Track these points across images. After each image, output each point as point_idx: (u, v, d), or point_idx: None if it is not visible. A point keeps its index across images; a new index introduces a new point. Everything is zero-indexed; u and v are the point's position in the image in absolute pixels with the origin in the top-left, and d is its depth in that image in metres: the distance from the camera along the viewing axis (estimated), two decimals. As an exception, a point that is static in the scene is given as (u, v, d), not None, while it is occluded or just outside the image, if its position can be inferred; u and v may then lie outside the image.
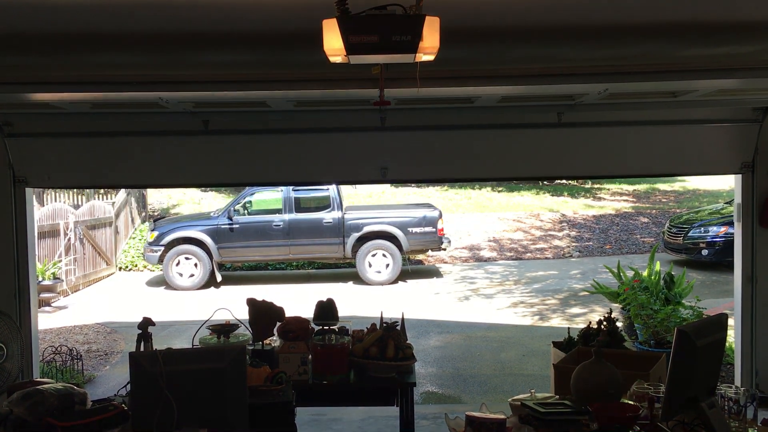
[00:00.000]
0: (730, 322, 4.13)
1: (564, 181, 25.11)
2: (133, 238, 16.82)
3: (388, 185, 23.27)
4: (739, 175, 5.54)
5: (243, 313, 4.53)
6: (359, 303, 11.92)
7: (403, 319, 4.74)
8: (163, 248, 13.55)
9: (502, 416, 3.19)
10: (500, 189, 23.00)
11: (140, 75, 3.76)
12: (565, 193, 22.33)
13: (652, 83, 4.09)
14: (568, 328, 5.85)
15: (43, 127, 5.38)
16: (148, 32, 3.39)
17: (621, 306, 8.95)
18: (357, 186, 23.14)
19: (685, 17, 3.35)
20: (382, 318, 4.68)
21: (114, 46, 3.45)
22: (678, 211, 18.83)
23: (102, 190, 18.25)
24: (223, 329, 4.47)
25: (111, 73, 3.71)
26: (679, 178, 28.12)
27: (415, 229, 13.66)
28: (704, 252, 13.48)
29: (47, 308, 11.81)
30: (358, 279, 13.76)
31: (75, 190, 17.47)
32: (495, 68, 3.73)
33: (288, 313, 4.58)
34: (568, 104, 4.93)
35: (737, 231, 5.64)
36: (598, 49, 3.47)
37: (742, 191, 5.51)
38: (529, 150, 5.56)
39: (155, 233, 13.70)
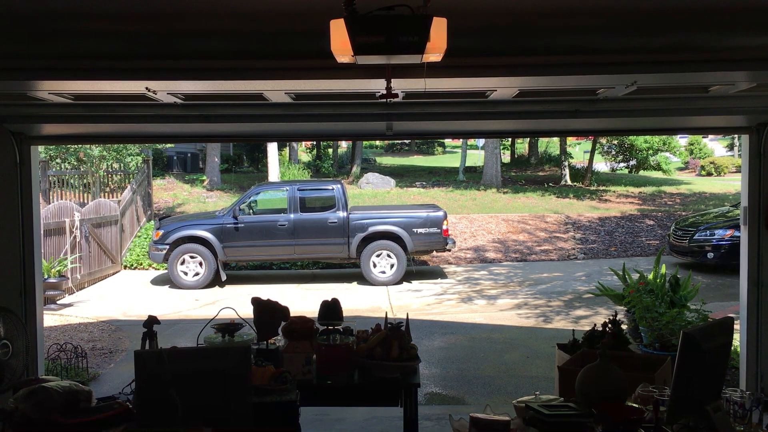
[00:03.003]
0: (736, 325, 4.12)
1: (569, 182, 25.09)
2: (139, 237, 16.85)
3: (394, 185, 23.28)
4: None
5: (248, 312, 4.54)
6: (364, 303, 11.93)
7: (407, 319, 4.73)
8: (168, 247, 13.57)
9: (507, 418, 3.19)
10: (505, 190, 22.99)
11: (125, 62, 3.48)
12: (571, 195, 22.30)
13: (686, 75, 3.77)
14: (573, 330, 5.84)
15: (29, 113, 5.20)
16: (133, 14, 3.18)
17: (626, 308, 8.93)
18: (362, 186, 23.18)
19: (724, 2, 3.12)
20: (386, 318, 4.67)
21: (96, 29, 3.22)
22: (684, 213, 18.78)
23: (108, 188, 18.30)
24: (228, 328, 4.47)
25: (93, 60, 3.45)
26: (685, 180, 28.10)
27: (419, 230, 13.65)
28: (710, 255, 13.45)
29: (52, 306, 11.84)
30: (362, 279, 13.76)
31: (81, 188, 17.53)
32: (512, 58, 3.51)
33: (292, 313, 4.58)
34: (590, 99, 4.67)
35: (743, 234, 5.62)
36: (626, 38, 3.23)
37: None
38: (545, 126, 5.41)
39: (160, 232, 13.73)
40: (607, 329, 5.42)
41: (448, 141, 44.30)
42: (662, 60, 3.60)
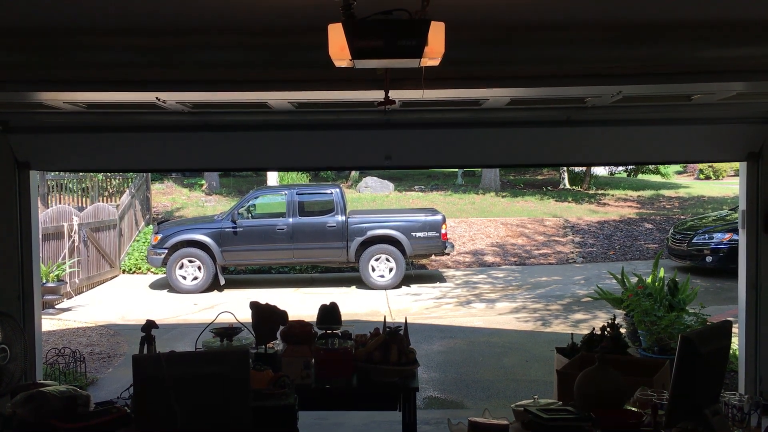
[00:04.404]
0: (734, 329, 4.12)
1: (568, 186, 25.12)
2: (137, 241, 16.84)
3: (393, 189, 23.29)
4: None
5: (246, 317, 4.54)
6: (362, 307, 11.92)
7: (406, 323, 4.73)
8: (166, 251, 13.56)
9: (505, 422, 3.19)
10: (504, 194, 22.99)
11: (137, 74, 3.66)
12: (569, 199, 22.30)
13: (668, 86, 3.96)
14: (572, 334, 5.84)
15: (41, 122, 5.34)
16: (145, 29, 3.33)
17: (624, 312, 8.93)
18: (361, 190, 23.18)
19: (705, 16, 3.26)
20: (385, 322, 4.67)
21: (110, 43, 3.38)
22: (682, 217, 18.79)
23: (107, 193, 18.30)
24: (226, 332, 4.47)
25: (107, 72, 3.62)
26: (684, 184, 28.13)
27: (418, 234, 13.66)
28: (708, 259, 13.45)
29: (51, 310, 11.82)
30: (361, 283, 13.75)
31: (79, 192, 17.53)
32: (504, 69, 3.65)
33: (291, 317, 4.58)
34: (579, 107, 4.84)
35: (741, 238, 5.63)
36: (612, 50, 3.39)
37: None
38: (538, 140, 5.50)
39: (159, 236, 13.72)
40: (606, 333, 5.42)
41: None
42: (645, 72, 3.72)
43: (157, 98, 4.21)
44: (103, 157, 5.62)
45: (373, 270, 13.66)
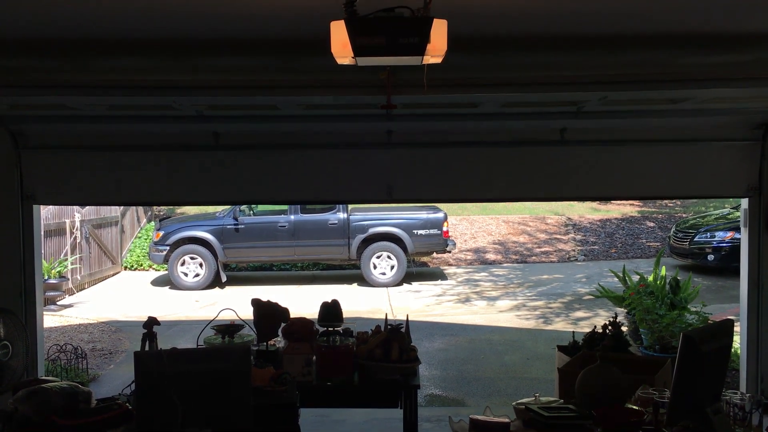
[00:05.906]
0: (736, 327, 4.12)
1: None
2: (139, 238, 16.85)
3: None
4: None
5: (248, 314, 4.54)
6: (364, 305, 11.92)
7: (407, 321, 4.74)
8: (168, 248, 13.57)
9: (506, 420, 3.19)
10: (506, 192, 22.96)
11: (154, 80, 3.84)
12: (571, 197, 22.28)
13: (652, 92, 4.16)
14: (573, 332, 5.84)
15: (57, 139, 5.43)
16: (162, 38, 3.46)
17: (626, 310, 8.93)
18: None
19: (685, 27, 3.39)
20: (386, 320, 4.68)
21: (129, 51, 3.54)
22: (684, 215, 18.76)
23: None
24: (228, 329, 4.48)
25: (126, 78, 3.80)
26: (686, 182, 28.03)
27: (420, 231, 13.65)
28: (710, 257, 13.43)
29: (52, 307, 11.84)
30: (362, 280, 13.75)
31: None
32: (498, 76, 3.80)
33: (292, 314, 4.59)
34: (571, 111, 4.95)
35: (743, 236, 5.62)
36: (599, 57, 3.54)
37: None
38: (534, 171, 5.58)
39: (161, 233, 13.73)
40: (608, 331, 5.41)
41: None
42: (627, 79, 3.89)
43: (173, 102, 4.36)
44: (109, 190, 5.67)
45: (375, 267, 13.66)
